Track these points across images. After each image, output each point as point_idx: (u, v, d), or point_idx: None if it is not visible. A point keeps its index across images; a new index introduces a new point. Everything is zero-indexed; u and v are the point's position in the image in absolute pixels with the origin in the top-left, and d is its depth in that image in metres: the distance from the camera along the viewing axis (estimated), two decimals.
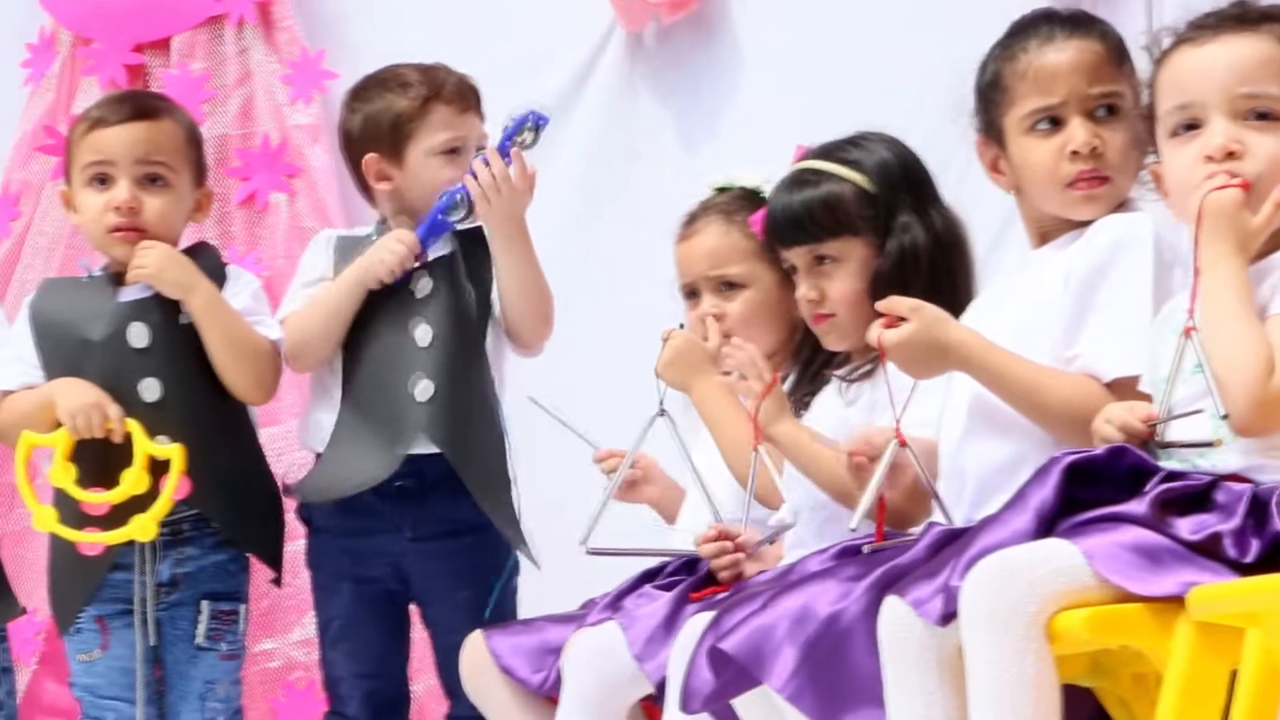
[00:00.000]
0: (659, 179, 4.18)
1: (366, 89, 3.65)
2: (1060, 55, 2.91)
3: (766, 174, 3.51)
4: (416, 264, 3.53)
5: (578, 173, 4.31)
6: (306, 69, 4.39)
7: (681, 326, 3.45)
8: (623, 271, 4.19)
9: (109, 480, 3.45)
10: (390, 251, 3.51)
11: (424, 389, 3.53)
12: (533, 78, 4.28)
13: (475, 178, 3.48)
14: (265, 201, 4.39)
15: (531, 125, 3.52)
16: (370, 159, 3.63)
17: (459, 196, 3.52)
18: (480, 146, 3.60)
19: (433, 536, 3.57)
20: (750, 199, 3.51)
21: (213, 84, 4.43)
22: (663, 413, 3.26)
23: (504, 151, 3.50)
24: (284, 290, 3.78)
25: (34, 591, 3.90)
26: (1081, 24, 2.94)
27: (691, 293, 3.53)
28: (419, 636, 3.71)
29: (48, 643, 4.28)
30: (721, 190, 3.57)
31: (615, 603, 3.35)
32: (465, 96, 3.62)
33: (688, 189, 3.67)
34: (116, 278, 3.59)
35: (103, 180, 3.57)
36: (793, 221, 3.20)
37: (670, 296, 3.60)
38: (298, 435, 3.75)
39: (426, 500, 3.55)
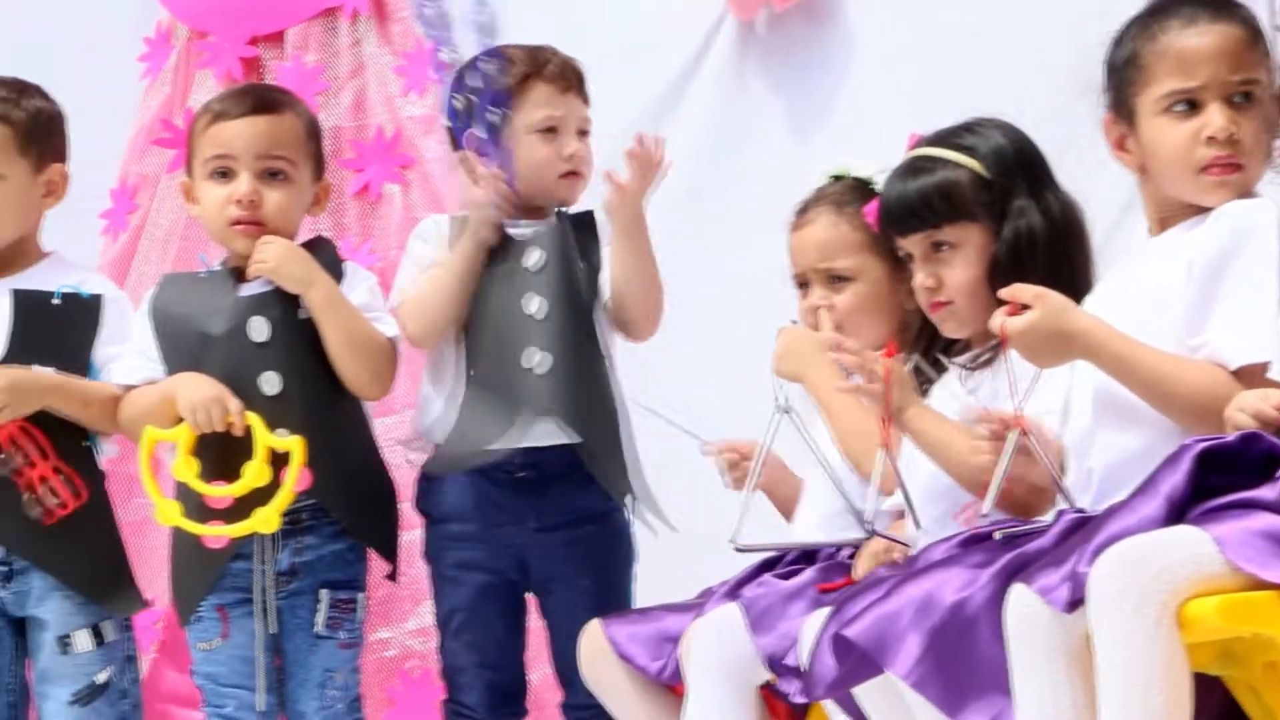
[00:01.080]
0: (770, 168, 4.16)
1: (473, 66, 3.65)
2: (1203, 39, 2.86)
3: (880, 165, 3.48)
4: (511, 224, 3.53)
5: (688, 162, 4.28)
6: (420, 60, 4.39)
7: (794, 322, 3.43)
8: (733, 261, 4.16)
9: (230, 473, 3.45)
10: (482, 197, 3.51)
11: (540, 361, 3.51)
12: (645, 67, 4.28)
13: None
14: (379, 192, 4.40)
15: None
16: (471, 134, 3.64)
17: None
18: (583, 130, 3.58)
19: (555, 526, 3.56)
20: (862, 190, 3.48)
21: (326, 76, 4.44)
22: (785, 410, 3.23)
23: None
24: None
25: (153, 580, 3.92)
26: (1225, 8, 2.90)
27: (803, 283, 3.50)
28: (532, 625, 3.70)
29: (167, 631, 4.31)
30: (836, 179, 3.54)
31: (734, 591, 3.33)
32: (566, 76, 3.61)
33: (799, 177, 3.63)
34: (236, 272, 3.59)
35: (224, 173, 3.57)
36: (908, 209, 3.16)
37: (782, 286, 3.58)
38: (412, 423, 3.74)
39: (547, 491, 3.54)
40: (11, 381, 3.50)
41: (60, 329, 3.62)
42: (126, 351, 3.63)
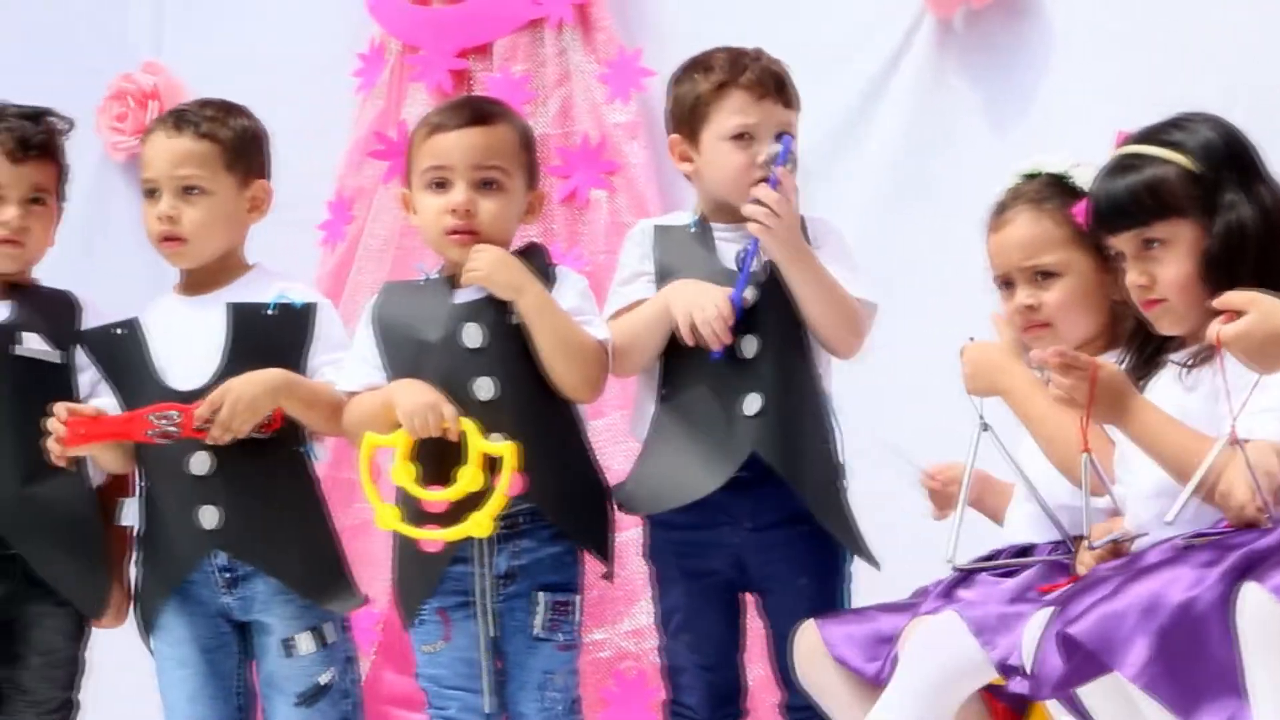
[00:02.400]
0: (971, 165, 4.08)
1: (682, 71, 3.62)
2: None
3: (1074, 158, 3.40)
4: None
5: (888, 161, 4.23)
6: (624, 67, 4.37)
7: (973, 339, 3.36)
8: (934, 261, 4.10)
9: (446, 478, 3.43)
10: (704, 310, 3.45)
11: (751, 403, 3.47)
12: (843, 66, 4.22)
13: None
14: (586, 198, 4.39)
15: (786, 151, 3.48)
16: (674, 140, 3.59)
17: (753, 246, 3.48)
18: (783, 132, 3.54)
19: (771, 525, 3.51)
20: (1059, 185, 3.40)
21: (533, 85, 4.43)
22: (985, 426, 3.17)
23: (772, 183, 3.45)
24: (607, 285, 3.77)
25: (371, 583, 3.92)
26: None
27: (1006, 283, 3.43)
28: (750, 625, 3.67)
29: (386, 633, 4.33)
30: (1029, 177, 3.47)
31: (949, 591, 3.27)
32: (764, 83, 3.54)
33: (1000, 175, 3.56)
34: (452, 280, 3.57)
35: (440, 184, 3.56)
36: (1117, 208, 3.08)
37: (984, 287, 3.52)
38: (627, 427, 3.73)
39: (763, 490, 3.49)
40: (240, 390, 3.52)
41: (274, 339, 3.63)
42: (344, 358, 3.63)
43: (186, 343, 3.62)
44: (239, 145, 3.68)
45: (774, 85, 3.56)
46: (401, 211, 4.41)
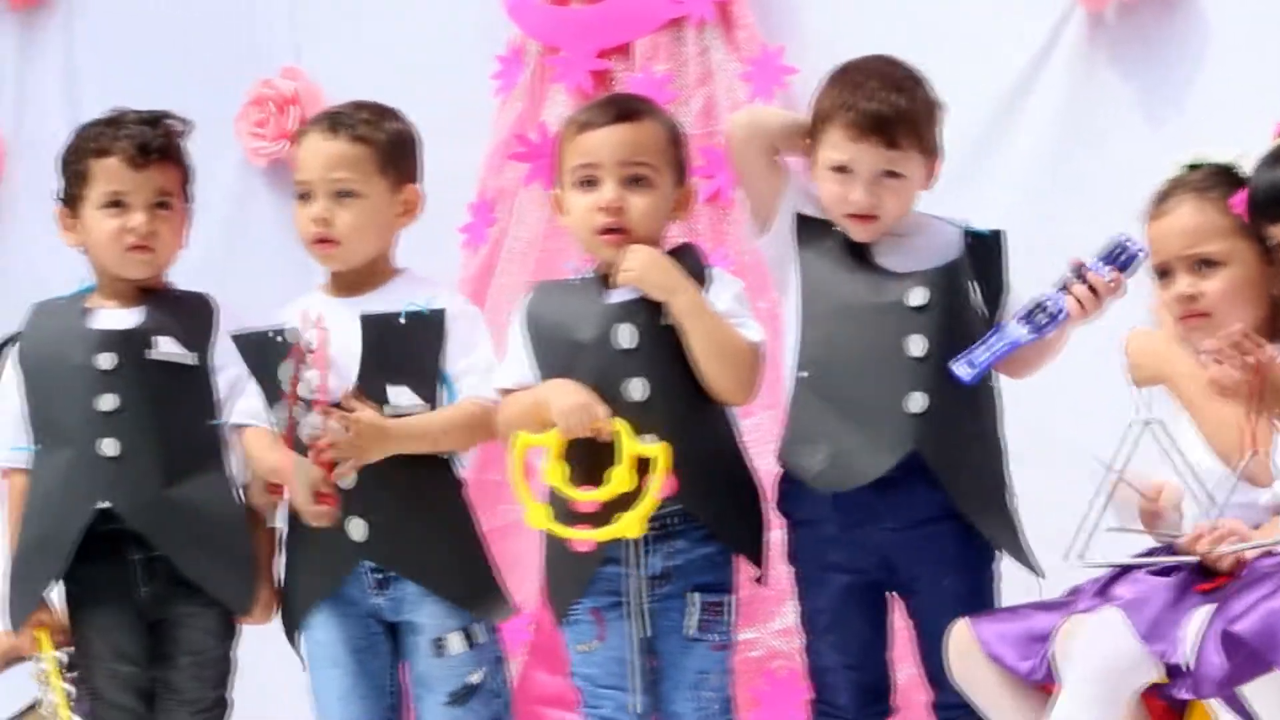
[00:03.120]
0: (1122, 160, 4.01)
1: (831, 73, 3.57)
2: None
3: (1240, 150, 3.35)
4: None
5: (1038, 156, 4.16)
6: (766, 65, 4.32)
7: (1135, 330, 3.30)
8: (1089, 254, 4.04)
9: (597, 478, 3.39)
10: None
11: (916, 401, 3.41)
12: (992, 60, 4.16)
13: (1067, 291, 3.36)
14: (730, 198, 4.35)
15: (1125, 254, 3.37)
16: (808, 145, 3.57)
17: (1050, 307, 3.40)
18: (892, 172, 3.48)
19: (917, 524, 3.45)
20: (1225, 175, 3.32)
21: (675, 85, 4.39)
22: (1148, 422, 3.11)
23: (1098, 268, 3.37)
24: (753, 285, 3.74)
25: (519, 585, 3.89)
26: None
27: (1164, 273, 3.36)
28: (898, 624, 3.63)
29: (536, 633, 4.31)
30: (1192, 167, 3.41)
31: (1105, 589, 3.22)
32: (860, 124, 3.44)
33: (1154, 168, 3.49)
34: (604, 279, 3.53)
35: (590, 182, 3.53)
36: (1277, 196, 3.04)
37: (1139, 279, 3.46)
38: (775, 429, 3.69)
39: (910, 490, 3.43)
40: (362, 431, 3.50)
41: (408, 347, 3.60)
42: (483, 363, 3.62)
43: (330, 350, 3.59)
44: (392, 149, 3.66)
45: (872, 126, 3.45)
46: (544, 213, 4.44)
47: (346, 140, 3.63)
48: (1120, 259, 3.36)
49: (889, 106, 3.46)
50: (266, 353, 3.62)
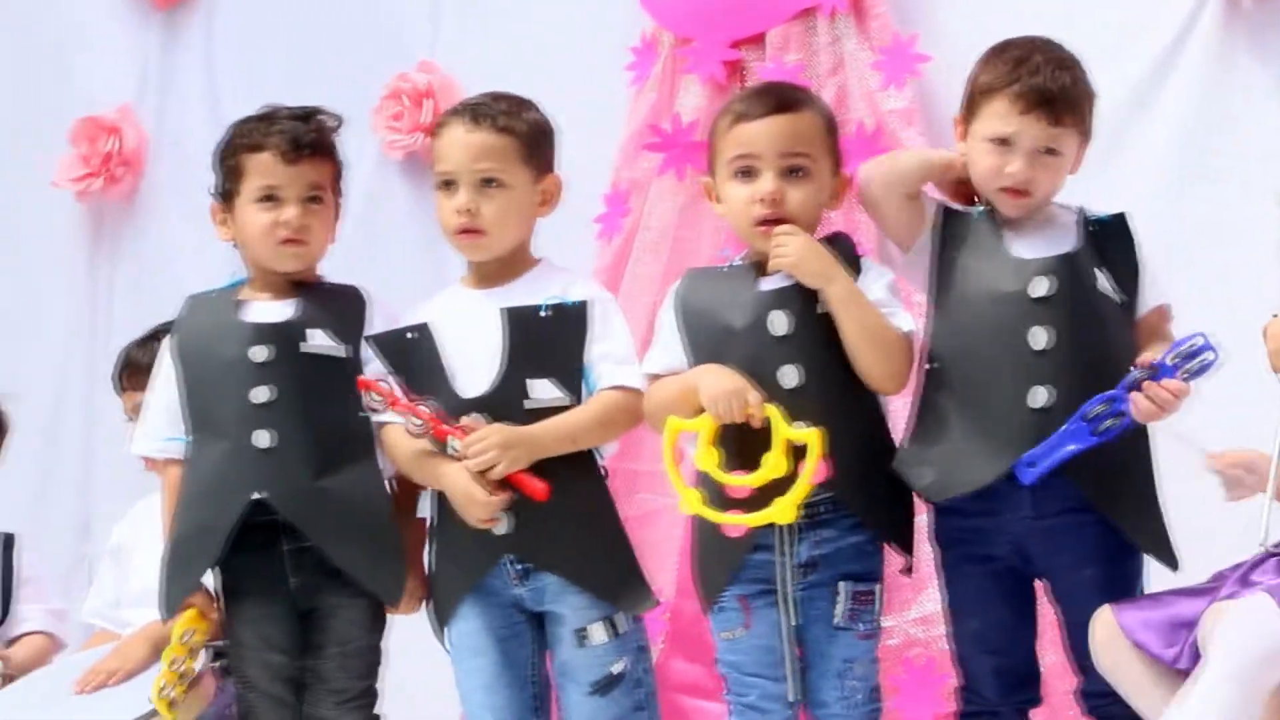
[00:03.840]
0: (1260, 147, 3.96)
1: (989, 51, 3.52)
2: None
3: None
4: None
5: (1174, 142, 4.12)
6: (898, 54, 4.29)
7: (1276, 316, 3.26)
8: (1225, 243, 4.00)
9: (749, 464, 3.35)
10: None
11: (1039, 396, 3.36)
12: (1128, 46, 4.10)
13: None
14: None
15: (1198, 357, 3.32)
16: (957, 118, 3.55)
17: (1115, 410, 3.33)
18: (1049, 148, 3.47)
19: (1054, 514, 3.40)
20: None
21: (807, 74, 4.36)
22: None
23: (1169, 371, 3.31)
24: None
25: (657, 573, 3.88)
26: None
27: None
28: (1044, 611, 3.60)
29: (674, 622, 4.31)
30: None
31: (1246, 576, 3.19)
32: (1027, 97, 3.43)
33: None
34: (757, 267, 3.50)
35: (747, 173, 3.49)
36: None
37: (1275, 267, 3.42)
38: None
39: (1048, 479, 3.37)
40: (506, 439, 3.48)
41: (551, 340, 3.57)
42: (622, 352, 3.60)
43: (471, 345, 3.57)
44: (534, 139, 3.64)
45: (1039, 100, 3.43)
46: (677, 202, 4.45)
47: (490, 131, 3.63)
48: (1193, 362, 3.30)
49: (1055, 83, 3.44)
50: (403, 352, 3.63)
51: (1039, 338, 3.39)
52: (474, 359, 3.56)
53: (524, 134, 3.64)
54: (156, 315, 4.27)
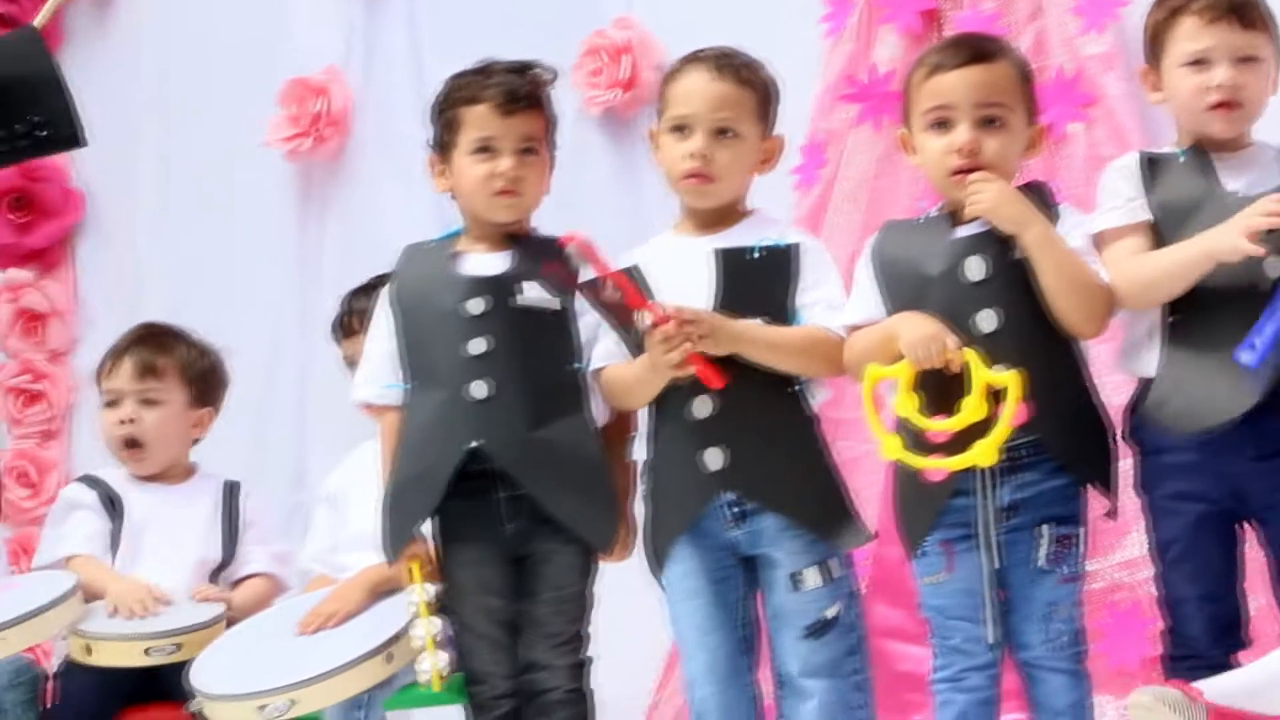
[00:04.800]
0: None
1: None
2: None
3: None
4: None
5: None
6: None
7: None
8: None
9: (948, 409, 3.40)
10: (1235, 237, 3.35)
11: None
12: None
13: None
14: (1062, 132, 4.31)
15: None
16: (1143, 70, 3.53)
17: None
18: (1247, 57, 3.42)
19: (1273, 454, 3.40)
20: None
21: (1004, 22, 4.35)
22: None
23: None
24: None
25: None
26: None
27: None
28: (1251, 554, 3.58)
29: (876, 567, 4.33)
30: None
31: None
32: (1215, 6, 3.44)
33: None
34: (952, 217, 3.54)
35: (943, 124, 3.52)
36: None
37: None
38: (1114, 360, 3.67)
39: (1267, 418, 3.37)
40: (712, 316, 3.54)
41: (761, 282, 3.62)
42: (831, 297, 3.63)
43: (682, 287, 3.62)
44: (767, 97, 3.70)
45: (1228, 7, 3.43)
46: (874, 152, 4.45)
47: (732, 82, 3.67)
48: None
49: None
50: (612, 296, 3.68)
51: (1275, 268, 3.36)
52: (684, 300, 3.59)
53: (760, 90, 3.71)
54: (363, 270, 4.37)
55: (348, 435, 4.40)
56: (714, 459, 3.60)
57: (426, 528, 3.77)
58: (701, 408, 3.60)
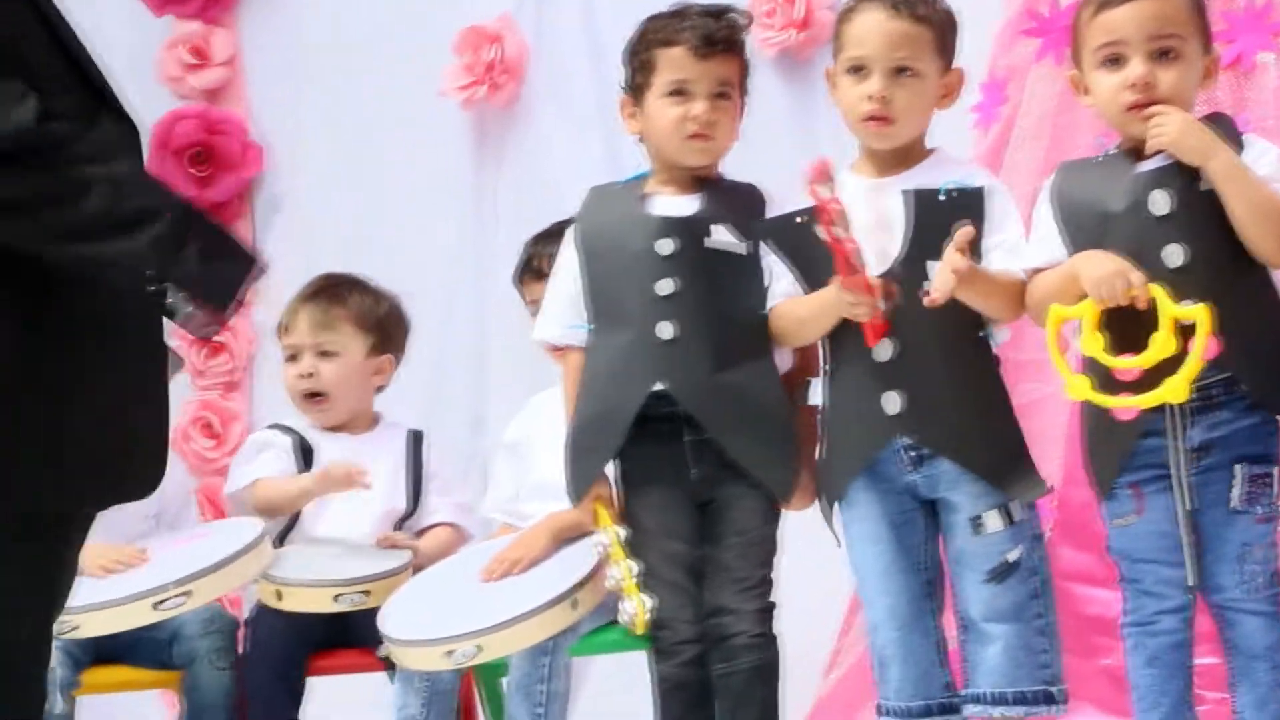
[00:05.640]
0: None
1: None
2: None
3: None
4: None
5: None
6: None
7: None
8: None
9: (1136, 346, 3.36)
10: None
11: None
12: None
13: None
14: (1251, 63, 4.23)
15: None
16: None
17: None
18: None
19: None
20: None
21: None
22: None
23: None
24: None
25: (1042, 463, 3.82)
26: None
27: None
28: None
29: (1062, 510, 4.29)
30: None
31: None
32: None
33: None
34: (1133, 153, 3.49)
35: (1114, 60, 3.48)
36: None
37: None
38: None
39: None
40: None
41: (950, 223, 3.57)
42: (1008, 238, 3.59)
43: (867, 229, 3.60)
44: (945, 31, 3.67)
45: None
46: (1055, 89, 4.39)
47: (909, 20, 3.64)
48: None
49: None
50: (792, 237, 3.69)
51: None
52: (870, 242, 3.58)
53: (938, 25, 3.68)
54: (538, 215, 4.39)
55: (527, 382, 4.44)
56: (892, 403, 3.59)
57: (610, 470, 3.79)
58: (882, 351, 3.59)
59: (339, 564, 4.09)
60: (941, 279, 3.47)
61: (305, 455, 4.28)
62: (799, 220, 3.68)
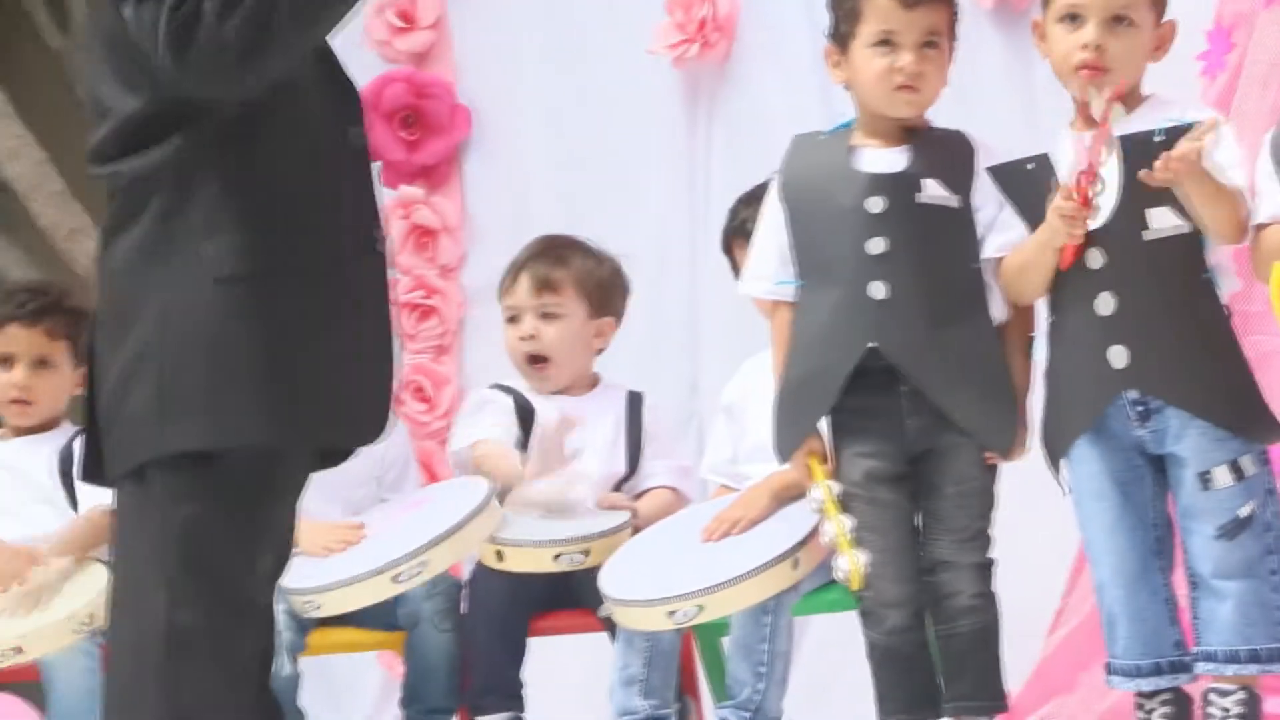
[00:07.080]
0: None
1: None
2: None
3: None
4: None
5: None
6: None
7: None
8: None
9: None
10: None
11: None
12: None
13: None
14: None
15: None
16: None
17: None
18: None
19: None
20: None
21: None
22: None
23: None
24: None
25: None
26: None
27: None
28: None
29: None
30: None
31: None
32: None
33: None
34: None
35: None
36: None
37: None
38: None
39: None
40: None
41: None
42: (1233, 158, 3.61)
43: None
44: None
45: None
46: None
47: None
48: None
49: None
50: (1022, 183, 3.71)
51: None
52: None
53: None
54: (751, 173, 4.41)
55: (741, 345, 4.47)
56: (1118, 356, 3.60)
57: (822, 426, 3.82)
58: (1105, 305, 3.60)
59: (559, 524, 4.16)
60: (1168, 162, 3.49)
61: (524, 417, 4.33)
62: (1029, 167, 3.69)
